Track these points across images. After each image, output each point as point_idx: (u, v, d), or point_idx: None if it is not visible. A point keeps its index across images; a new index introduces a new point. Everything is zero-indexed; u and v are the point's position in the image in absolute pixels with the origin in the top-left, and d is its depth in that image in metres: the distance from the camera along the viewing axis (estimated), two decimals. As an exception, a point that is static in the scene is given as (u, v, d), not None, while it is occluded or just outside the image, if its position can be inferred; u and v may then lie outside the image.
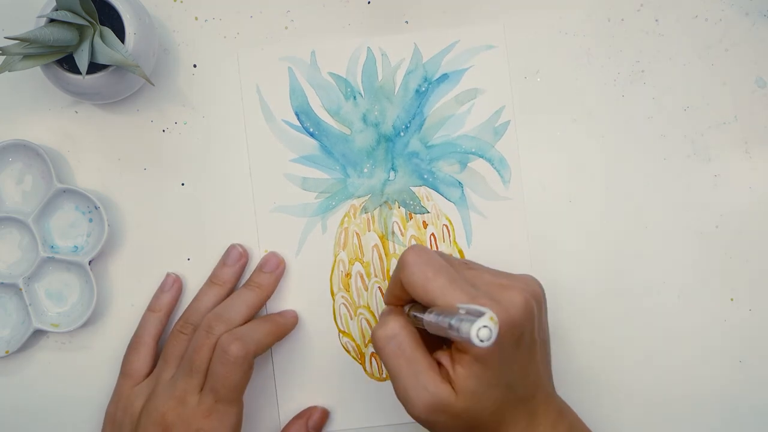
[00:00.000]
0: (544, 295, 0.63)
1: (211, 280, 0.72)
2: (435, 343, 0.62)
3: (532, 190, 0.73)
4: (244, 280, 0.73)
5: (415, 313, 0.61)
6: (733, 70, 0.73)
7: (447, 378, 0.59)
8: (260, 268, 0.72)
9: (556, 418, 0.63)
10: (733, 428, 0.72)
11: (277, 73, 0.73)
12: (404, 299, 0.63)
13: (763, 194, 0.73)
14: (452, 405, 0.58)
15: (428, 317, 0.58)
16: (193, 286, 0.73)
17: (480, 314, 0.51)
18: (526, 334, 0.59)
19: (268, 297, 0.72)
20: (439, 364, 0.60)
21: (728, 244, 0.72)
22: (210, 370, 0.66)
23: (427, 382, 0.58)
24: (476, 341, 0.51)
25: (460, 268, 0.62)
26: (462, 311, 0.54)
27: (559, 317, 0.72)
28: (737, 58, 0.73)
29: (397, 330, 0.60)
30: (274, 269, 0.72)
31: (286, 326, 0.71)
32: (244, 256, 0.72)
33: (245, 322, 0.69)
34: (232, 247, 0.72)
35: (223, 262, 0.72)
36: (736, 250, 0.72)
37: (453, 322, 0.53)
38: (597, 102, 0.73)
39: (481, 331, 0.50)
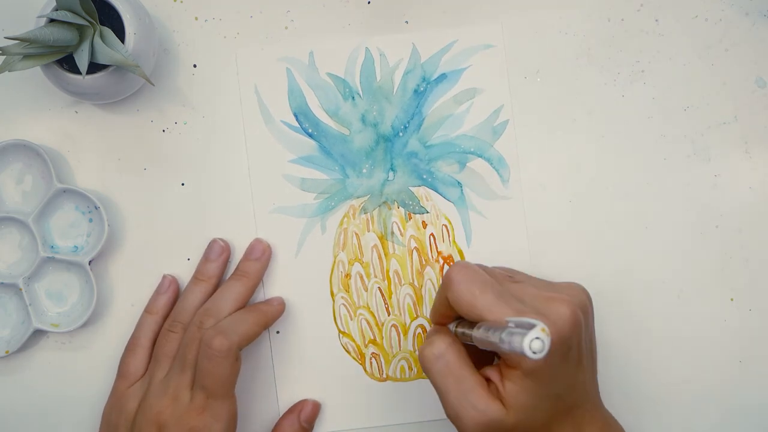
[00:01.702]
0: (591, 303, 0.63)
1: (196, 277, 0.72)
2: (482, 359, 0.62)
3: (532, 190, 0.73)
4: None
5: (463, 330, 0.61)
6: (733, 70, 0.73)
7: (496, 394, 0.58)
8: (246, 256, 0.72)
9: (601, 428, 0.63)
10: (733, 428, 0.72)
11: (276, 74, 0.73)
12: (450, 317, 0.63)
13: (763, 194, 0.73)
14: (503, 421, 0.58)
15: (477, 333, 0.57)
16: (193, 286, 0.73)
17: (530, 326, 0.51)
18: (574, 346, 0.59)
19: (256, 285, 0.72)
20: (488, 380, 0.59)
21: (728, 244, 0.72)
22: (197, 365, 0.66)
23: (477, 401, 0.58)
24: (529, 353, 0.50)
25: (504, 281, 0.61)
26: (511, 324, 0.53)
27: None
28: (737, 58, 0.73)
29: (443, 348, 0.59)
30: (260, 256, 0.72)
31: (273, 314, 0.71)
32: (226, 250, 0.72)
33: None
34: (214, 241, 0.72)
35: (206, 257, 0.72)
36: (736, 250, 0.72)
37: (504, 336, 0.52)
38: (597, 102, 0.73)
39: (534, 342, 0.50)
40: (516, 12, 0.73)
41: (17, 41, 0.62)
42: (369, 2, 0.73)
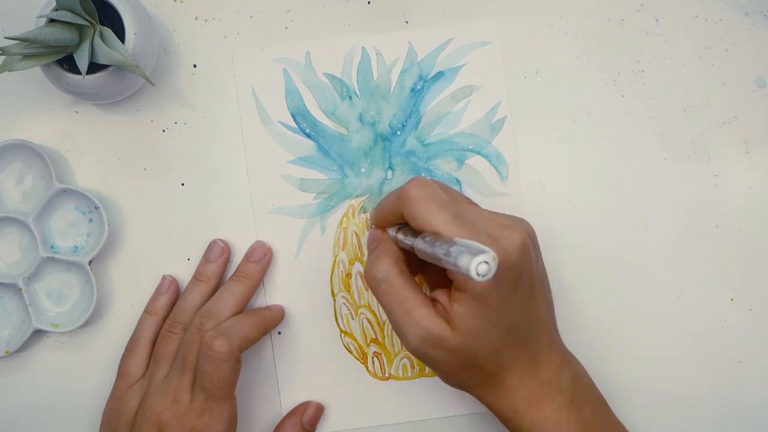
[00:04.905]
0: (536, 239, 0.64)
1: (196, 278, 0.72)
2: (421, 264, 0.64)
3: (532, 190, 0.73)
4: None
5: (405, 237, 0.62)
6: (733, 70, 0.73)
7: (444, 314, 0.60)
8: (247, 257, 0.72)
9: (560, 364, 0.63)
10: (733, 428, 0.72)
11: (272, 75, 0.73)
12: (394, 223, 0.64)
13: (763, 194, 0.72)
14: (447, 339, 0.59)
15: (421, 244, 0.58)
16: (193, 286, 0.73)
17: (478, 250, 0.51)
18: (524, 275, 0.60)
19: (256, 286, 0.72)
20: (436, 301, 0.61)
21: (728, 244, 0.72)
22: (197, 367, 0.66)
23: (420, 318, 0.60)
24: (474, 275, 0.51)
25: (461, 202, 0.63)
26: (460, 243, 0.54)
27: (558, 317, 0.72)
28: (737, 58, 0.73)
29: (387, 270, 0.61)
30: (261, 258, 0.72)
31: (273, 319, 0.71)
32: (226, 250, 0.72)
33: (236, 314, 0.69)
34: (214, 242, 0.72)
35: (206, 258, 0.72)
36: (736, 250, 0.72)
37: (453, 250, 0.53)
38: (597, 102, 0.73)
39: (481, 266, 0.51)
40: (516, 11, 0.73)
41: (17, 41, 0.62)
42: (369, 2, 0.73)
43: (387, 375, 0.73)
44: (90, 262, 0.71)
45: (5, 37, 0.61)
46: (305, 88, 0.73)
